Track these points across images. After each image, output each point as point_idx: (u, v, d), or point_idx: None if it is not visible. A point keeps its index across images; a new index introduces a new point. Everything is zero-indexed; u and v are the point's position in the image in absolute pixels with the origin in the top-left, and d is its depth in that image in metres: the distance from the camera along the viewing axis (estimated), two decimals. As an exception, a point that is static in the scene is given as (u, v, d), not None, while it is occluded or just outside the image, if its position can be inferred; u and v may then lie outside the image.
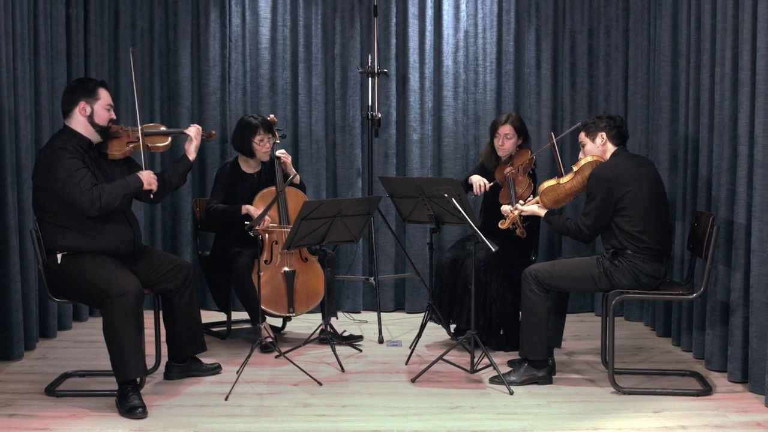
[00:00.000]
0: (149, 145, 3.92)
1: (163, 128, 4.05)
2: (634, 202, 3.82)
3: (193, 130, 4.06)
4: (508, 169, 4.49)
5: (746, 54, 3.82)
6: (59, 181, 3.61)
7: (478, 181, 4.56)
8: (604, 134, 3.98)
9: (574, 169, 3.99)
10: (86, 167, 3.68)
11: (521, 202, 4.13)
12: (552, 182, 4.03)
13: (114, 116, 3.83)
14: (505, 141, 4.59)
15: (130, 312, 3.56)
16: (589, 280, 3.90)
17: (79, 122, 3.75)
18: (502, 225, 4.13)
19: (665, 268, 3.93)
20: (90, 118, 3.75)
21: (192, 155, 4.04)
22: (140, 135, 3.85)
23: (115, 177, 3.83)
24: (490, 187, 4.54)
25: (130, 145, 3.86)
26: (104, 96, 3.78)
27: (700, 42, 4.40)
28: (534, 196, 4.24)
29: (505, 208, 4.21)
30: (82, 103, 3.73)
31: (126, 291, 3.55)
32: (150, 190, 3.85)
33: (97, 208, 3.62)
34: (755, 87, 3.74)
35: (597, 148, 3.99)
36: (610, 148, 3.98)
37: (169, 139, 3.99)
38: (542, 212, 4.05)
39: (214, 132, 4.26)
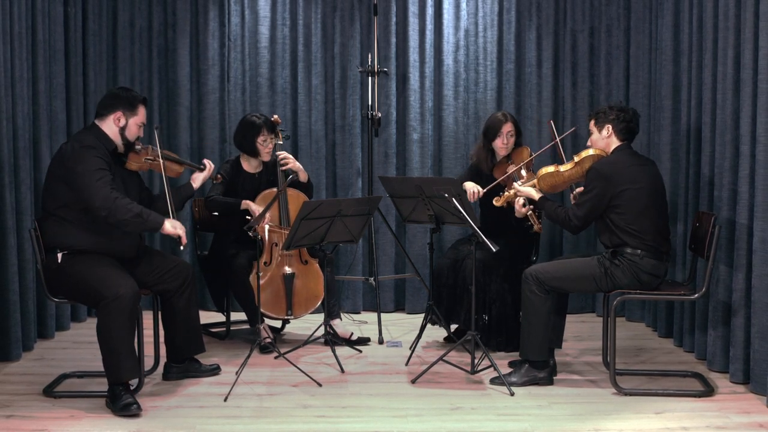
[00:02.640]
0: (165, 166, 3.96)
1: (177, 156, 4.16)
2: (630, 200, 3.81)
3: (208, 164, 4.20)
4: (510, 168, 4.46)
5: (748, 53, 3.80)
6: (80, 173, 3.61)
7: (471, 188, 4.46)
8: (610, 127, 3.94)
9: (576, 159, 3.98)
10: (109, 170, 3.70)
11: (519, 182, 4.10)
12: (551, 169, 4.01)
13: (142, 134, 3.89)
14: (509, 139, 4.58)
15: (125, 314, 3.55)
16: (590, 280, 3.88)
17: (110, 128, 3.79)
18: (497, 202, 4.12)
19: (665, 266, 3.91)
20: (122, 130, 3.79)
21: (197, 184, 4.15)
22: (160, 157, 3.92)
23: (129, 186, 3.87)
24: (485, 192, 4.46)
25: (147, 162, 3.92)
26: (141, 114, 3.84)
27: (702, 41, 4.38)
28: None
29: (521, 208, 4.15)
30: (119, 113, 3.77)
31: (121, 294, 3.54)
32: (178, 237, 3.78)
33: (108, 208, 3.60)
34: (757, 86, 3.72)
35: (602, 140, 3.97)
36: (614, 142, 3.95)
37: (183, 168, 4.10)
38: (537, 195, 4.04)
39: (219, 176, 4.46)
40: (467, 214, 3.92)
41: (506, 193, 4.10)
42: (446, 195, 3.93)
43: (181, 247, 3.82)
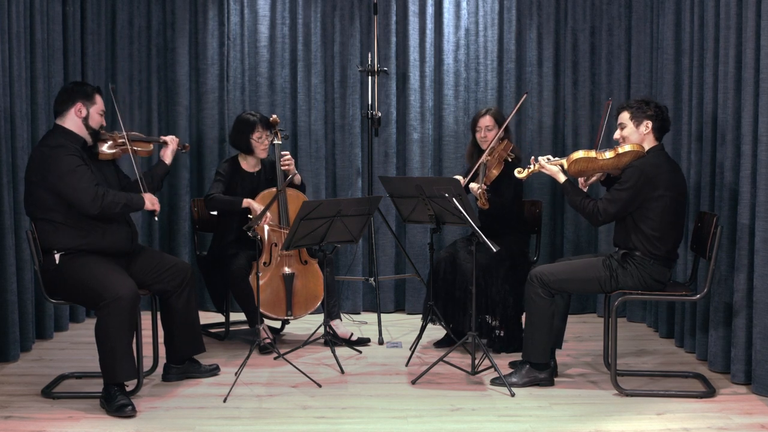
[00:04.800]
0: (136, 149, 4.00)
1: (143, 135, 4.19)
2: (662, 207, 3.74)
3: (169, 138, 4.20)
4: (485, 157, 4.48)
5: (750, 52, 3.78)
6: (59, 176, 3.61)
7: (476, 189, 4.43)
8: (650, 124, 3.83)
9: (619, 150, 3.83)
10: (86, 165, 3.69)
11: (547, 158, 3.99)
12: (591, 154, 3.86)
13: (104, 123, 3.90)
14: (487, 133, 4.61)
15: (124, 315, 3.54)
16: (594, 282, 3.85)
17: (73, 122, 3.77)
18: (519, 173, 3.98)
19: (671, 273, 3.89)
20: (85, 120, 3.79)
21: (168, 159, 4.16)
22: (126, 139, 3.95)
23: (107, 176, 3.86)
24: (467, 183, 4.50)
25: (118, 148, 3.94)
26: (99, 102, 3.85)
27: (703, 40, 4.37)
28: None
29: (473, 185, 4.33)
30: (78, 105, 3.77)
31: (122, 295, 3.53)
32: (153, 211, 3.92)
33: (98, 206, 3.63)
34: (759, 86, 3.71)
35: (637, 135, 3.85)
36: (651, 141, 3.86)
37: (152, 145, 4.14)
38: (562, 178, 3.94)
39: (188, 145, 4.42)
40: (467, 214, 3.90)
41: (530, 168, 4.02)
42: (446, 195, 3.91)
43: (155, 218, 3.95)
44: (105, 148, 3.88)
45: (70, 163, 3.63)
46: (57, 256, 3.68)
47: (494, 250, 3.79)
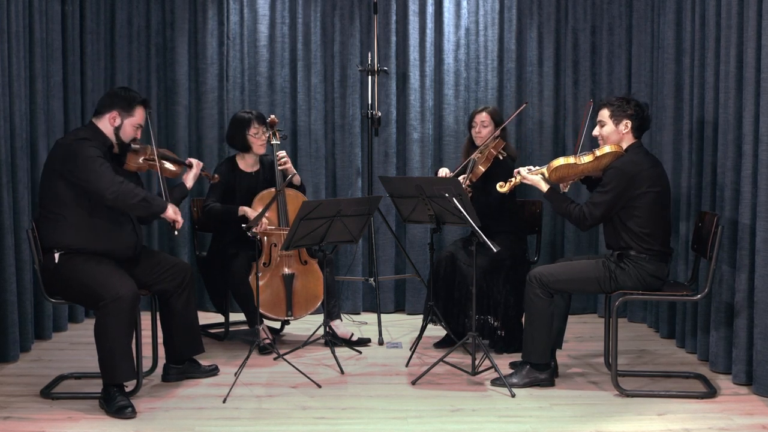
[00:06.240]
0: (163, 166, 3.97)
1: (172, 155, 4.12)
2: (648, 203, 3.75)
3: (194, 161, 4.16)
4: (476, 153, 4.51)
5: (751, 51, 3.77)
6: (80, 163, 3.59)
7: (440, 172, 4.67)
8: (629, 123, 3.84)
9: (597, 153, 3.84)
10: (106, 160, 3.69)
11: (528, 169, 4.01)
12: (570, 160, 3.88)
13: (139, 135, 3.86)
14: (482, 128, 4.63)
15: (124, 316, 3.53)
16: (593, 282, 3.85)
17: (106, 127, 3.77)
18: (501, 188, 4.00)
19: (668, 268, 3.89)
20: (117, 129, 3.77)
21: (189, 184, 4.11)
22: (155, 156, 3.89)
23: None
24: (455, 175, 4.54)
25: (146, 163, 3.90)
26: (138, 115, 3.81)
27: (704, 39, 4.36)
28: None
29: (459, 179, 4.29)
30: (114, 113, 3.75)
31: (122, 295, 3.52)
32: (174, 222, 3.81)
33: (115, 192, 3.59)
34: (760, 85, 3.70)
35: (617, 133, 3.86)
36: (630, 139, 3.87)
37: (180, 167, 4.08)
38: (545, 187, 3.93)
39: (217, 176, 4.47)
40: (468, 214, 3.89)
41: (513, 180, 4.02)
42: (446, 195, 3.90)
43: (176, 232, 3.86)
44: (133, 159, 3.86)
45: (92, 152, 3.62)
46: (56, 255, 3.66)
47: (494, 250, 3.78)
